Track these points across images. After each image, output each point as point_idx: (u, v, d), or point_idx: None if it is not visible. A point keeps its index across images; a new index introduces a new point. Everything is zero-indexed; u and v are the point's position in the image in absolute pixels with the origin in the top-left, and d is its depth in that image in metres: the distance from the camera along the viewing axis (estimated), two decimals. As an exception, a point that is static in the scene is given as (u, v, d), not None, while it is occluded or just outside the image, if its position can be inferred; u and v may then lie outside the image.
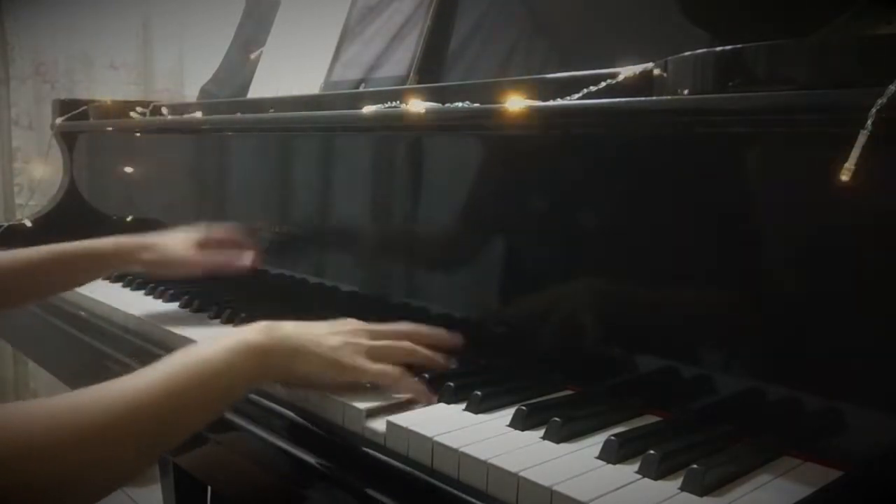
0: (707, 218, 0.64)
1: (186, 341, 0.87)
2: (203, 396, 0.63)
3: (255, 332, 0.68)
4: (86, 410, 0.56)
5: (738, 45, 0.61)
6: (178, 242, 1.04)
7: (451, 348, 0.76)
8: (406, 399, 0.69)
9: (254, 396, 0.75)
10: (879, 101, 0.50)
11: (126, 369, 0.91)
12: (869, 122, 0.51)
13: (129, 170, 1.48)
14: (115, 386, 0.59)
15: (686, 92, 0.65)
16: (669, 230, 0.67)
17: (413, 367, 0.72)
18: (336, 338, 0.71)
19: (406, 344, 0.73)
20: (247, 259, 1.06)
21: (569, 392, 0.71)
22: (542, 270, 0.77)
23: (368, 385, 0.71)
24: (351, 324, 0.75)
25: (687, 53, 0.65)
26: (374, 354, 0.71)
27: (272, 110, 1.18)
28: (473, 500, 0.55)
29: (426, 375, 0.71)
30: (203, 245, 1.05)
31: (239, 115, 1.24)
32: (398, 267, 0.92)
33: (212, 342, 0.66)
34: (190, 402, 0.62)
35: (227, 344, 0.66)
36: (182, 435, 0.63)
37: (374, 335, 0.73)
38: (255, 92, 1.39)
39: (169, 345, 0.89)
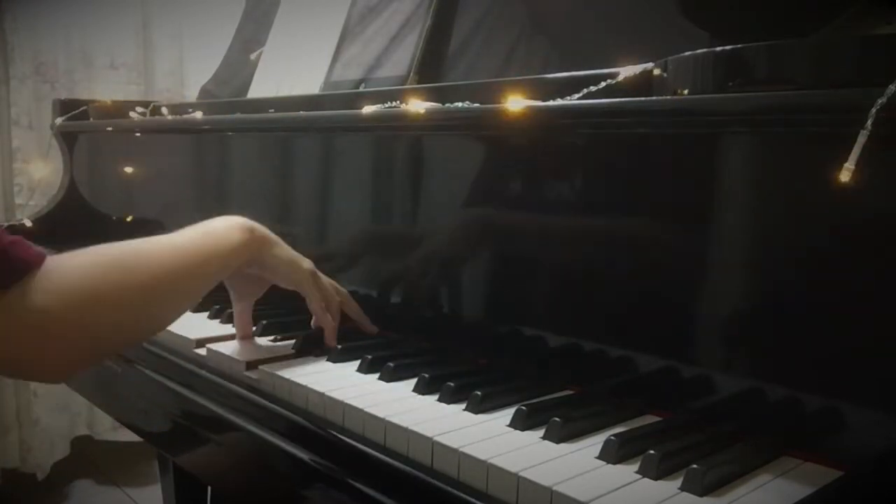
0: (707, 217, 0.64)
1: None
2: (208, 265, 0.76)
3: (238, 217, 0.81)
4: (130, 269, 0.69)
5: (738, 45, 0.61)
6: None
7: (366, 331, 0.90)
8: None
9: (253, 396, 0.75)
10: (879, 101, 0.50)
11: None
12: (869, 122, 0.51)
13: (129, 170, 1.48)
14: (154, 250, 0.72)
15: (686, 92, 0.65)
16: (669, 230, 0.67)
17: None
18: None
19: (340, 299, 0.88)
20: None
21: (569, 392, 0.71)
22: (541, 270, 0.77)
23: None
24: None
25: (687, 53, 0.65)
26: (321, 285, 0.86)
27: (272, 110, 1.18)
28: (473, 500, 0.55)
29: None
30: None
31: (239, 115, 1.24)
32: (398, 266, 0.92)
33: (210, 222, 0.79)
34: (200, 270, 0.75)
35: (222, 222, 0.79)
36: (193, 297, 0.77)
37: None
38: (255, 92, 1.39)
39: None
